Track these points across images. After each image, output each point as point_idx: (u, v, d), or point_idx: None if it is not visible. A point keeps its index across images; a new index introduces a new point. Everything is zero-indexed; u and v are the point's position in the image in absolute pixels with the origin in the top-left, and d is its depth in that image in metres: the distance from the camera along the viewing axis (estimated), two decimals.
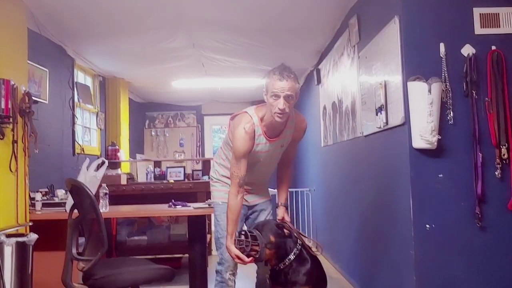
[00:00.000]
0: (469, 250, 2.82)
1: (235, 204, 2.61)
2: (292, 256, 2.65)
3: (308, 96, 6.86)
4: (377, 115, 3.36)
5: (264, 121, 2.66)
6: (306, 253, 2.72)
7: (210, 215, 3.77)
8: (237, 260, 2.59)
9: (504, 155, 2.80)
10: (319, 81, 5.81)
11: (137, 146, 8.48)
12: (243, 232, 2.61)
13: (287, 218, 2.88)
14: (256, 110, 2.71)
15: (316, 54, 5.79)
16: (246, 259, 2.56)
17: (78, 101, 5.70)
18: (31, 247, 3.03)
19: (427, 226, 2.82)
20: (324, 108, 5.55)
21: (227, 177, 2.82)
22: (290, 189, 6.48)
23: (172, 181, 5.82)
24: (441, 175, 2.84)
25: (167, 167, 6.28)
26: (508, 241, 2.82)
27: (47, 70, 4.70)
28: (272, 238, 2.61)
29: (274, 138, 2.72)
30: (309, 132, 6.76)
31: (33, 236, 3.06)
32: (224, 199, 2.78)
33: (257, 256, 2.57)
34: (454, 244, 2.82)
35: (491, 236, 2.82)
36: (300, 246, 2.70)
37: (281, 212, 2.89)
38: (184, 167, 6.29)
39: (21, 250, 2.95)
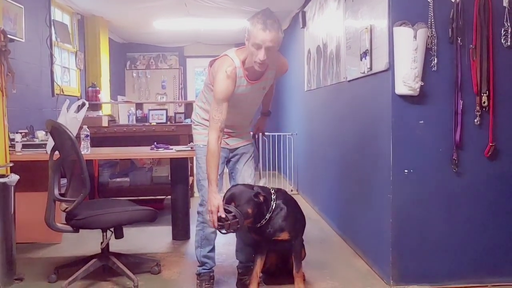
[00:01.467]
0: (444, 195, 2.90)
1: (215, 149, 2.57)
2: (268, 215, 2.66)
3: (292, 40, 6.76)
4: (361, 60, 3.34)
5: (245, 64, 2.64)
6: (282, 202, 2.74)
7: (192, 157, 3.78)
8: (211, 223, 2.56)
9: (484, 102, 2.84)
10: (304, 24, 5.71)
11: (118, 88, 8.35)
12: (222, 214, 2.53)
13: (262, 128, 3.13)
14: (237, 52, 2.67)
15: None
16: (215, 216, 2.51)
17: (56, 40, 5.53)
18: (12, 188, 3.03)
19: (405, 171, 2.88)
20: (309, 52, 5.49)
21: (206, 126, 2.78)
22: (272, 133, 6.53)
23: (155, 123, 5.79)
24: (421, 122, 2.88)
25: (149, 110, 6.23)
26: (482, 186, 2.91)
27: (23, 7, 4.50)
28: (250, 211, 2.58)
29: (255, 81, 2.70)
30: (292, 76, 6.75)
31: (14, 177, 3.05)
32: (205, 142, 2.75)
33: (237, 229, 2.58)
34: (431, 188, 2.90)
35: (466, 181, 2.90)
36: (275, 199, 2.71)
37: (259, 121, 3.17)
38: (166, 110, 6.25)
39: (3, 191, 2.94)
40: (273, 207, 2.69)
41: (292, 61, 6.82)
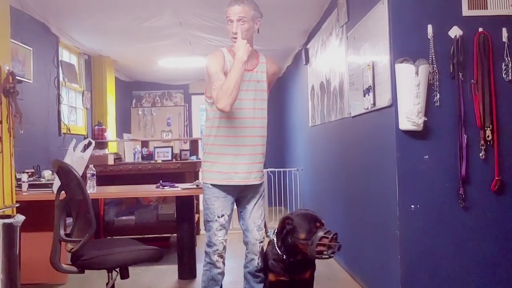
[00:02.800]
0: (452, 230, 2.87)
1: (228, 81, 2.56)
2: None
3: (296, 76, 6.85)
4: (364, 96, 3.37)
5: (231, 50, 2.74)
6: None
7: (198, 195, 3.78)
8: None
9: (488, 136, 2.84)
10: (307, 61, 5.80)
11: (124, 126, 8.43)
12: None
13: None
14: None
15: (304, 33, 5.76)
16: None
17: (64, 80, 5.63)
18: (18, 228, 3.02)
19: (412, 206, 2.87)
20: (312, 88, 5.55)
21: (215, 153, 2.75)
22: (277, 169, 6.52)
23: (160, 161, 5.81)
24: (426, 157, 2.88)
25: (155, 147, 6.26)
26: (490, 221, 2.88)
27: (31, 49, 4.61)
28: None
29: (247, 69, 2.71)
30: (297, 112, 6.80)
31: (20, 218, 3.04)
32: (213, 180, 2.72)
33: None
34: (438, 224, 2.87)
35: (474, 216, 2.87)
36: None
37: None
38: (171, 147, 6.28)
39: (8, 231, 2.93)
40: None
41: (297, 97, 6.89)
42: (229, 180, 2.72)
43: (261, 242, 2.83)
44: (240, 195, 2.83)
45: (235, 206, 2.88)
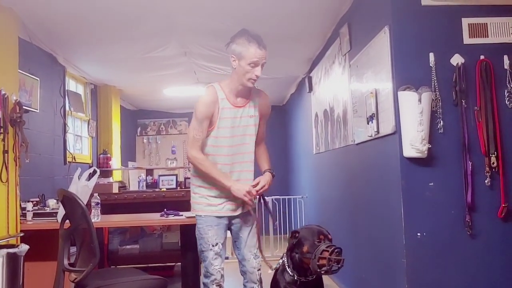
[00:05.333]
0: (460, 258, 2.84)
1: (201, 156, 2.72)
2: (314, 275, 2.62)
3: (300, 104, 6.89)
4: (368, 123, 3.38)
5: (224, 86, 2.75)
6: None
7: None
8: (248, 196, 2.68)
9: (493, 163, 2.84)
10: (310, 89, 5.84)
11: (129, 154, 8.46)
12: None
13: (265, 185, 2.74)
14: (218, 82, 2.80)
15: (308, 61, 5.83)
16: (254, 193, 2.69)
17: (70, 109, 5.68)
18: (22, 258, 3.01)
19: (418, 234, 2.84)
20: (316, 115, 5.58)
21: (203, 187, 2.80)
22: (282, 196, 6.50)
23: (164, 189, 5.80)
24: (431, 184, 2.87)
25: (159, 175, 6.27)
26: (498, 249, 2.84)
27: (38, 79, 4.68)
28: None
29: (239, 106, 2.76)
30: (301, 139, 6.82)
31: (24, 247, 3.04)
32: (204, 211, 2.77)
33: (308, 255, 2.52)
34: (445, 252, 2.84)
35: (481, 243, 2.84)
36: None
37: (262, 177, 2.80)
38: (176, 175, 6.28)
39: (12, 261, 2.92)
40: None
41: (301, 124, 6.92)
42: (219, 212, 2.78)
43: (259, 269, 2.83)
44: (232, 223, 2.85)
45: (228, 234, 2.89)
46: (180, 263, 4.29)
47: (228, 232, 2.90)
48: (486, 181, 2.85)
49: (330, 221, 5.01)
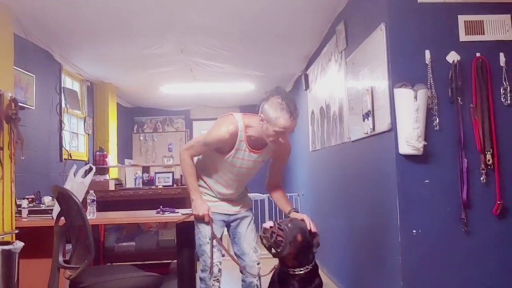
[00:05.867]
0: (455, 255, 2.84)
1: (188, 160, 2.80)
2: (310, 266, 2.62)
3: (296, 101, 6.85)
4: (364, 121, 3.38)
5: (248, 131, 2.66)
6: (317, 270, 2.70)
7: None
8: (206, 218, 2.70)
9: (489, 160, 2.84)
10: (307, 86, 5.84)
11: (125, 151, 8.44)
12: (271, 224, 2.55)
13: (307, 220, 2.70)
14: (243, 116, 2.71)
15: (304, 59, 5.82)
16: (208, 219, 2.70)
17: (66, 106, 5.66)
18: (17, 255, 3.00)
19: (414, 231, 2.84)
20: (313, 113, 5.58)
21: (204, 187, 2.88)
22: None
23: (161, 186, 5.79)
24: (427, 181, 2.87)
25: (156, 173, 6.26)
26: (493, 246, 2.85)
27: (34, 76, 4.66)
28: (300, 238, 2.57)
29: (257, 150, 2.72)
30: (298, 137, 6.81)
31: (19, 244, 3.03)
32: None
33: (279, 249, 2.51)
34: (441, 249, 2.84)
35: (476, 241, 2.84)
36: (315, 262, 2.69)
37: (297, 215, 2.74)
38: (172, 172, 6.27)
39: (7, 258, 2.92)
40: (313, 266, 2.64)
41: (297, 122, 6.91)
42: (215, 208, 2.84)
43: (258, 264, 2.84)
44: (231, 219, 2.90)
45: (225, 232, 2.91)
46: (176, 261, 4.28)
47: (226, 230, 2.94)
48: (481, 179, 2.85)
49: (326, 218, 5.01)
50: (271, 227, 2.51)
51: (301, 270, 2.59)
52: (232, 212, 2.89)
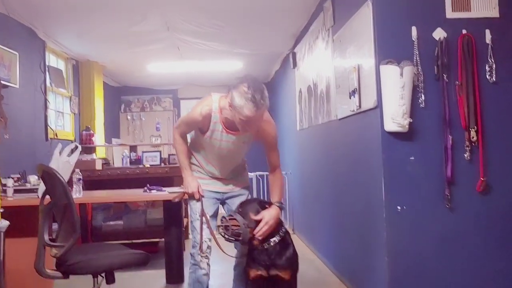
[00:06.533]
0: (438, 231, 2.88)
1: (178, 138, 2.81)
2: (277, 238, 2.62)
3: (284, 80, 6.86)
4: (350, 98, 3.38)
5: (224, 112, 2.61)
6: (290, 240, 2.72)
7: (186, 199, 3.76)
8: (196, 195, 2.72)
9: (473, 138, 2.86)
10: (295, 65, 5.81)
11: (112, 131, 8.38)
12: (222, 218, 2.61)
13: (266, 219, 2.57)
14: (221, 98, 2.66)
15: (292, 37, 5.78)
16: (198, 196, 2.72)
17: (51, 85, 5.59)
18: (2, 234, 2.98)
19: (398, 207, 2.87)
20: (300, 91, 5.56)
21: (196, 164, 2.87)
22: (266, 172, 6.50)
23: (148, 165, 5.78)
24: (412, 158, 2.89)
25: (143, 152, 6.24)
26: (476, 222, 2.89)
27: (17, 54, 4.58)
28: (252, 215, 2.59)
29: (235, 132, 2.66)
30: (285, 115, 6.81)
31: (5, 223, 3.01)
32: None
33: (240, 238, 2.55)
34: (425, 225, 2.88)
35: (460, 217, 2.88)
36: (285, 230, 2.70)
37: (267, 212, 2.62)
38: (160, 152, 6.26)
39: None
40: (282, 236, 2.65)
41: (285, 101, 6.91)
42: (207, 186, 2.84)
43: None
44: (225, 197, 2.90)
45: (222, 210, 2.91)
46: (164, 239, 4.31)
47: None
48: (465, 155, 2.88)
49: (314, 196, 5.05)
50: (222, 222, 2.58)
51: (269, 243, 2.61)
52: (224, 190, 2.87)
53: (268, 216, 2.59)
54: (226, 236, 2.57)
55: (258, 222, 2.58)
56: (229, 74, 7.67)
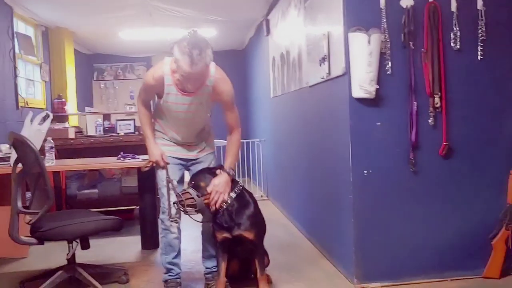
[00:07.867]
0: (403, 194, 3.01)
1: (142, 108, 2.87)
2: (233, 194, 2.74)
3: (258, 47, 6.85)
4: (320, 65, 3.43)
5: (176, 74, 2.62)
6: (249, 197, 2.83)
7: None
8: (160, 163, 2.79)
9: (437, 104, 2.96)
10: (268, 32, 5.80)
11: (85, 99, 8.27)
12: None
13: (216, 188, 2.69)
14: (172, 60, 2.65)
15: (266, 3, 5.74)
16: (162, 163, 2.78)
17: (20, 52, 5.47)
18: None
19: (365, 171, 2.98)
20: (274, 59, 5.58)
21: (160, 131, 2.93)
22: (241, 140, 6.58)
23: (122, 134, 5.77)
24: (378, 123, 2.98)
25: (117, 120, 6.20)
26: (439, 184, 3.03)
27: None
28: (203, 184, 2.71)
29: (189, 93, 2.68)
30: (259, 83, 6.83)
31: None
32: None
33: (196, 208, 2.66)
34: (390, 188, 3.00)
35: (423, 180, 3.01)
36: (241, 187, 2.81)
37: (216, 180, 2.73)
38: (134, 120, 6.22)
39: None
40: (238, 193, 2.75)
41: (259, 68, 6.92)
42: (172, 152, 2.89)
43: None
44: (189, 163, 2.95)
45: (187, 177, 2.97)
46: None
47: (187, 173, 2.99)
48: (429, 121, 2.98)
49: (286, 163, 5.15)
50: (177, 198, 2.67)
51: (226, 203, 2.73)
52: (189, 157, 2.93)
53: (216, 183, 2.71)
54: (183, 210, 2.66)
55: (205, 187, 2.70)
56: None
